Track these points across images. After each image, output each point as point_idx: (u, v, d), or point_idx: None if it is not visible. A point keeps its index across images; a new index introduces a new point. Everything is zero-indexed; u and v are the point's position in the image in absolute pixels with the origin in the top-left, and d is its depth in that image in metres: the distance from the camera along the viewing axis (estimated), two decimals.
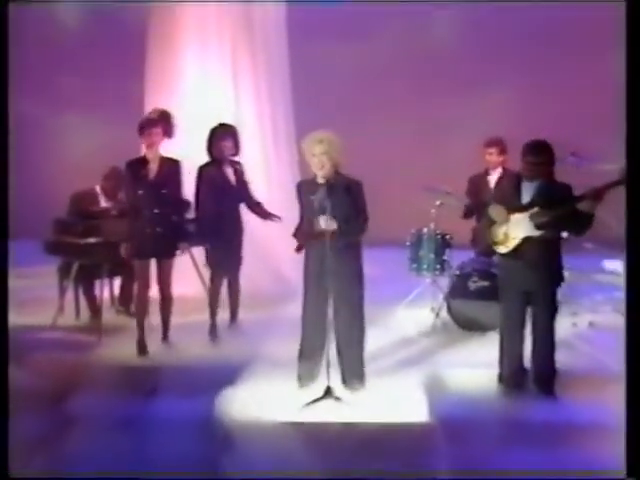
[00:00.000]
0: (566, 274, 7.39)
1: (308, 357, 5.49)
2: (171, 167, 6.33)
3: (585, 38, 10.01)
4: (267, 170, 8.06)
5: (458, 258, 7.12)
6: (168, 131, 6.27)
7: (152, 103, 7.89)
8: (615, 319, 7.14)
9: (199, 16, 8.14)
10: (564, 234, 7.04)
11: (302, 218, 5.51)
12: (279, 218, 6.64)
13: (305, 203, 5.41)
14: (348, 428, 5.03)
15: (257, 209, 6.74)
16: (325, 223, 5.24)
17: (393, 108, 9.91)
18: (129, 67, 8.82)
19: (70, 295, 7.32)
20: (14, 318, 6.98)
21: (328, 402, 5.24)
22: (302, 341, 5.53)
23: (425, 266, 7.21)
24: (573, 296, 7.32)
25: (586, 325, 7.03)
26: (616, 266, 8.86)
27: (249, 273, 7.09)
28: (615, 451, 4.63)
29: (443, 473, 4.16)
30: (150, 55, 8.24)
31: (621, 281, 8.63)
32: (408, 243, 7.31)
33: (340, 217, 5.25)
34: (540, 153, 5.44)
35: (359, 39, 10.33)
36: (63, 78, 10.65)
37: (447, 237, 7.18)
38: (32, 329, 7.00)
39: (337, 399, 5.25)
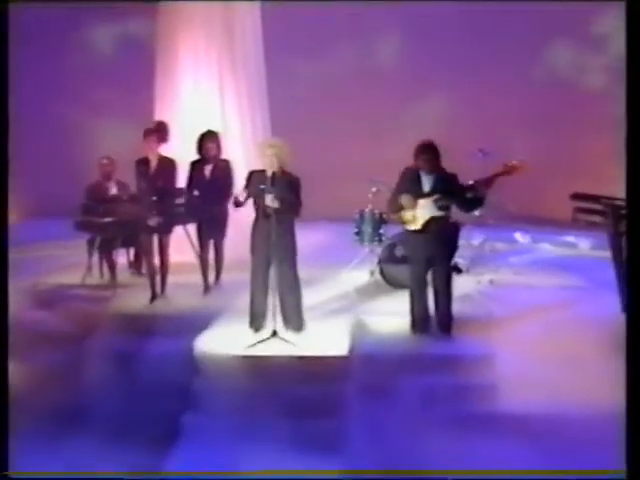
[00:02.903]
0: (476, 243, 7.87)
1: (257, 309, 5.78)
2: (167, 164, 6.73)
3: (516, 44, 10.00)
4: (248, 167, 7.83)
5: (394, 232, 7.18)
6: (163, 137, 6.71)
7: (159, 111, 8.22)
8: (510, 278, 7.43)
9: (192, 42, 8.29)
10: (476, 212, 7.48)
11: (247, 193, 5.77)
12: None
13: (252, 189, 5.71)
14: (289, 360, 5.39)
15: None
16: (270, 201, 5.58)
17: (347, 114, 9.97)
18: (138, 76, 8.96)
19: (96, 261, 7.58)
20: (55, 278, 7.51)
21: (275, 341, 5.56)
22: (252, 298, 5.77)
23: (366, 238, 7.43)
24: (481, 260, 7.63)
25: (487, 282, 7.22)
26: (517, 237, 9.25)
27: (232, 243, 7.24)
28: (496, 378, 4.98)
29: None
30: (157, 73, 8.42)
31: (520, 247, 8.96)
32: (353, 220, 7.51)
33: (282, 203, 5.62)
34: (432, 151, 5.77)
35: (321, 57, 10.39)
36: (69, 80, 10.48)
37: (383, 215, 7.37)
38: (68, 286, 7.34)
39: (281, 339, 5.57)
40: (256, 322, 5.82)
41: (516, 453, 4.05)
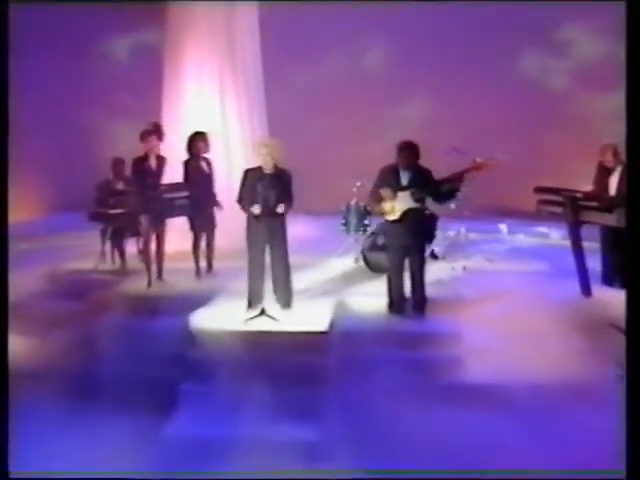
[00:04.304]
0: (451, 233, 8.04)
1: (255, 291, 5.97)
2: (164, 162, 6.94)
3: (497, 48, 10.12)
4: (247, 164, 7.84)
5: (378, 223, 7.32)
6: (161, 137, 6.95)
7: (166, 112, 8.52)
8: (482, 264, 7.60)
9: (197, 49, 8.56)
10: (452, 205, 7.66)
11: (242, 192, 5.93)
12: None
13: (248, 186, 5.90)
14: (276, 334, 5.61)
15: None
16: (282, 209, 5.85)
17: (337, 115, 10.10)
18: (147, 81, 9.16)
19: (108, 249, 7.81)
20: (72, 264, 7.72)
21: (263, 318, 5.78)
22: (250, 282, 5.98)
23: (351, 228, 7.64)
24: (456, 249, 7.82)
25: (461, 269, 7.41)
26: (494, 228, 9.41)
27: (225, 232, 7.41)
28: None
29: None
30: (165, 77, 8.68)
31: (494, 237, 9.15)
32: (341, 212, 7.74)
33: (277, 197, 5.84)
34: (412, 149, 5.97)
35: (314, 62, 10.56)
36: (86, 84, 10.55)
37: (367, 208, 7.53)
38: (83, 272, 7.57)
39: (269, 316, 5.80)
40: (254, 302, 5.96)
41: (481, 419, 4.17)
